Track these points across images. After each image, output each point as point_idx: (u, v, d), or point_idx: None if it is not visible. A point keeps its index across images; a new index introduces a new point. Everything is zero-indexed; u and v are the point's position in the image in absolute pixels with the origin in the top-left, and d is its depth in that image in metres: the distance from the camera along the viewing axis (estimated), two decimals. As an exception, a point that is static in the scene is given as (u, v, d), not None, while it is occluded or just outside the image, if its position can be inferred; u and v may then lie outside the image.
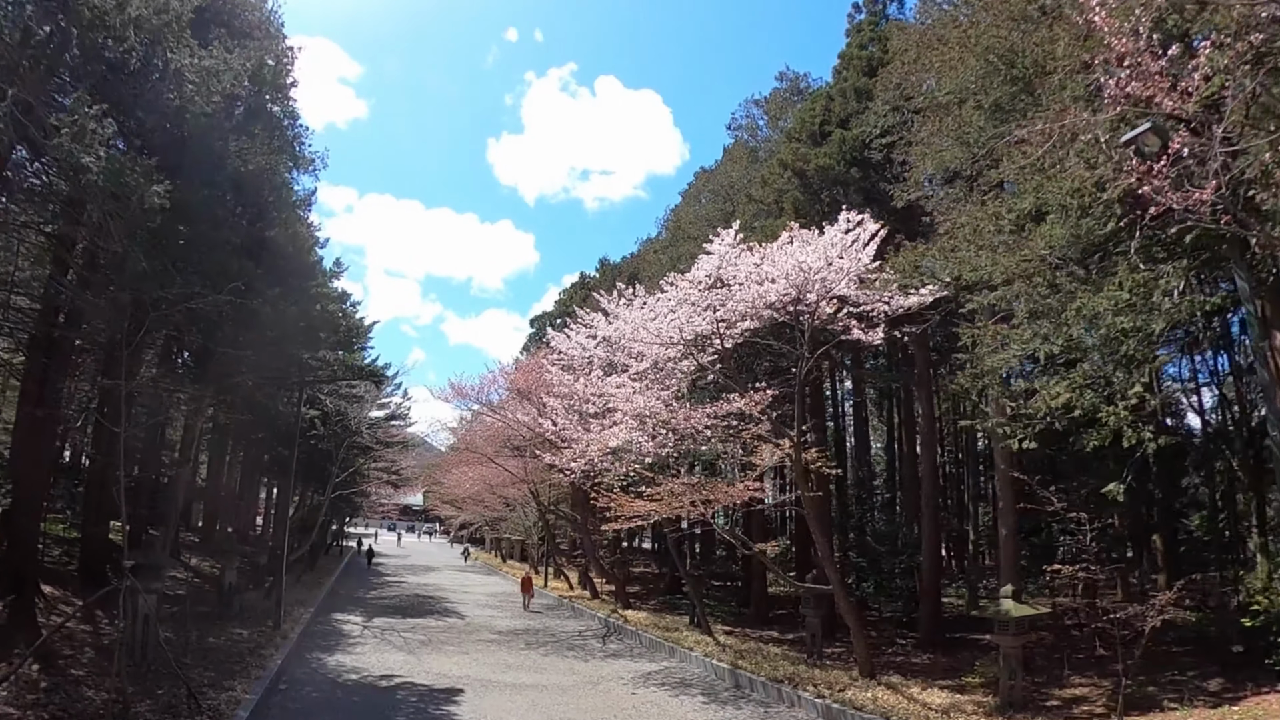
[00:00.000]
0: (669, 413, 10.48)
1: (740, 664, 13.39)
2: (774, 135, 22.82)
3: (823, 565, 11.69)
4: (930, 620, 17.46)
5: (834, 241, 10.30)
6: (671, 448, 10.55)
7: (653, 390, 10.98)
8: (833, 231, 10.36)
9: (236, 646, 12.66)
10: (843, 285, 10.63)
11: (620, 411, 11.07)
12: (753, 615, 22.21)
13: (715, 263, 10.55)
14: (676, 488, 10.99)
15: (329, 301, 13.73)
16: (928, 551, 17.57)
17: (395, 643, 14.68)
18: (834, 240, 10.32)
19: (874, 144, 16.86)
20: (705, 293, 10.34)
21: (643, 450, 10.60)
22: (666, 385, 11.20)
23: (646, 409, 10.58)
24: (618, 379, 11.92)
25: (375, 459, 28.75)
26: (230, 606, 15.79)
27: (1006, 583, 15.69)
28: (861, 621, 12.70)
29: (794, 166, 16.07)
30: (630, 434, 10.44)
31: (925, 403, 17.47)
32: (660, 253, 21.35)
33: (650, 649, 15.96)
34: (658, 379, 11.27)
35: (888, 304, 11.43)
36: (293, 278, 12.01)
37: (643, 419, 10.41)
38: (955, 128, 12.28)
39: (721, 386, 11.64)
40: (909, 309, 11.87)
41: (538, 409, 19.32)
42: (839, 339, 11.47)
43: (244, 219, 12.28)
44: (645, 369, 11.42)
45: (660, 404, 10.84)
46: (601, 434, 10.70)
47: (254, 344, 12.37)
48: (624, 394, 11.21)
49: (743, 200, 16.90)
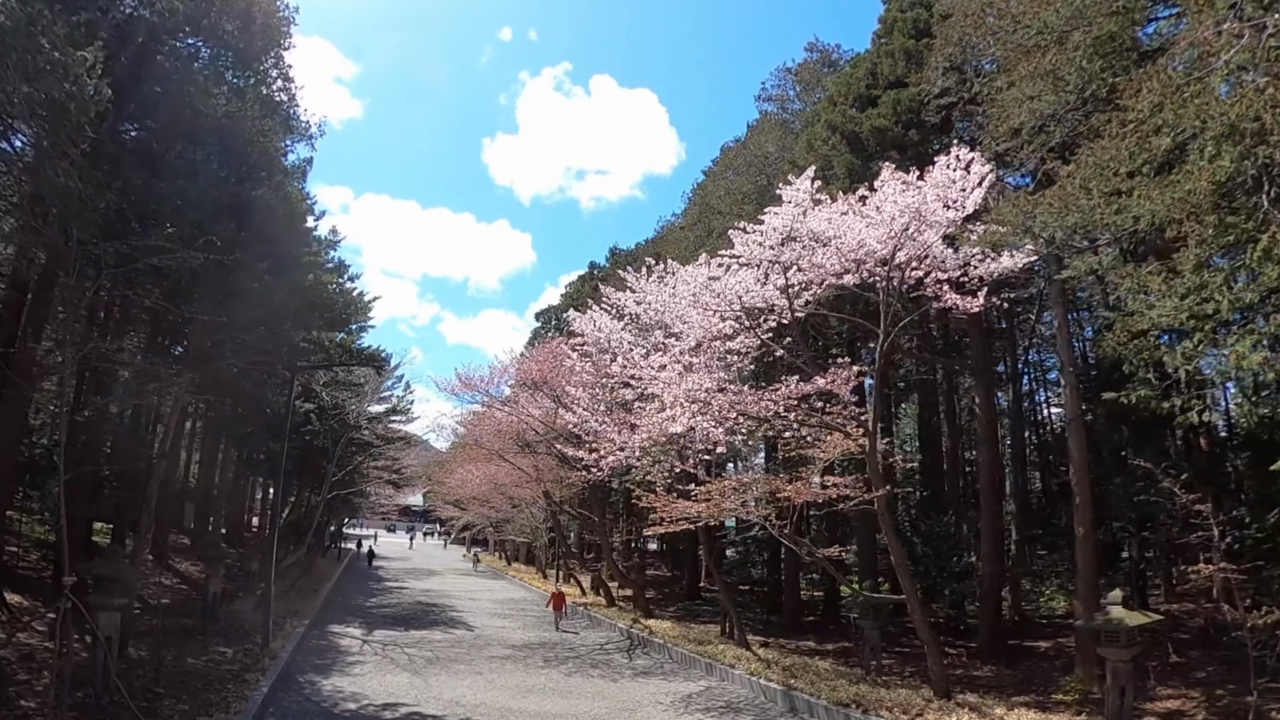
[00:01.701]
0: (734, 395, 8.83)
1: (794, 684, 11.76)
2: (804, 108, 21.23)
3: (897, 572, 10.06)
4: (990, 628, 15.85)
5: (941, 183, 8.64)
6: (745, 435, 8.93)
7: (704, 372, 9.35)
8: (939, 170, 8.69)
9: (218, 669, 11.00)
10: (939, 241, 9.02)
11: (663, 397, 9.42)
12: (784, 623, 20.57)
13: (789, 214, 8.92)
14: (727, 486, 9.41)
15: (322, 271, 12.12)
16: (987, 553, 15.95)
17: (399, 661, 13.02)
18: (941, 181, 8.65)
19: (930, 105, 15.40)
20: (778, 247, 8.70)
21: (710, 439, 8.97)
22: (723, 364, 9.56)
23: (702, 390, 8.95)
24: (659, 358, 10.30)
25: (375, 457, 27.07)
26: (215, 619, 14.14)
27: (1084, 586, 14.13)
28: (936, 634, 11.10)
29: (844, 129, 14.47)
30: (693, 420, 8.79)
31: (983, 389, 15.83)
32: (687, 229, 19.74)
33: (683, 665, 14.32)
34: (709, 359, 9.64)
35: (978, 267, 9.81)
36: (281, 242, 10.38)
37: (706, 402, 8.75)
38: (1050, 69, 10.72)
39: (786, 365, 10.06)
40: (995, 275, 10.24)
41: (554, 401, 17.68)
42: (925, 308, 9.85)
43: (226, 176, 10.63)
44: (687, 348, 9.79)
45: (715, 385, 9.21)
46: (656, 419, 9.06)
47: (238, 319, 10.72)
48: (666, 376, 9.56)
49: (784, 168, 15.30)
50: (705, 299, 9.18)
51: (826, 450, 10.09)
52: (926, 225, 8.83)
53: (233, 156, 11.06)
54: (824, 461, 10.35)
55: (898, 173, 9.03)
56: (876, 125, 14.21)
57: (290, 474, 27.28)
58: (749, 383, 9.89)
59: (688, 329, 9.92)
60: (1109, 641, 9.17)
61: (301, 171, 14.09)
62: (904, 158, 14.39)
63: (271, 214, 10.48)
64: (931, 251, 9.21)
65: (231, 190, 10.40)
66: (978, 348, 15.97)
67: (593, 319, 14.05)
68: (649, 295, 12.96)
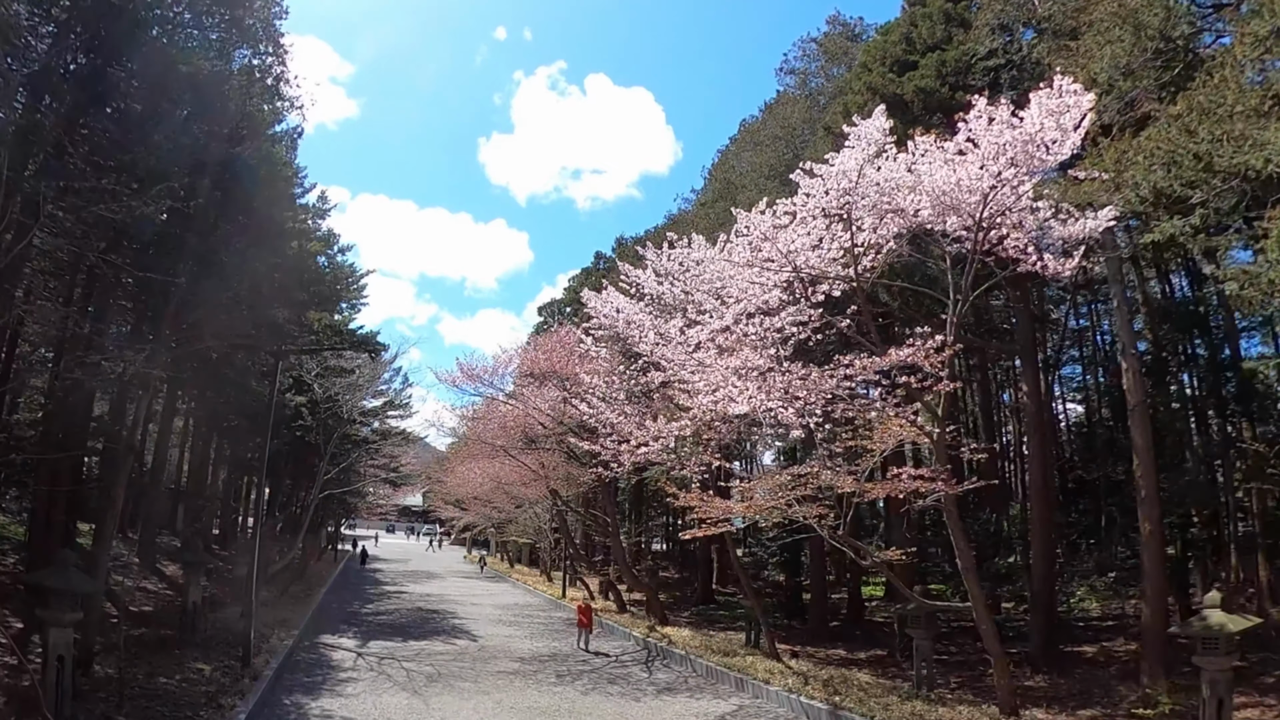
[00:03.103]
0: (797, 372, 7.53)
1: (840, 702, 10.52)
2: (825, 83, 20.00)
3: (964, 576, 8.82)
4: (1043, 633, 14.61)
5: (1038, 122, 7.32)
6: (821, 417, 7.65)
7: (753, 348, 8.09)
8: (1035, 105, 7.38)
9: (192, 690, 9.72)
10: (1030, 193, 7.77)
11: (709, 376, 8.10)
12: (809, 629, 19.30)
13: (858, 156, 7.63)
14: (777, 482, 8.17)
15: (310, 240, 10.83)
16: (1039, 552, 14.72)
17: (396, 677, 11.74)
18: (1038, 121, 7.33)
19: (977, 67, 14.24)
20: (850, 193, 7.38)
21: (781, 420, 7.68)
22: (765, 342, 8.25)
23: (751, 368, 7.66)
24: (697, 332, 9.00)
25: (372, 454, 25.75)
26: (195, 630, 12.85)
27: (1152, 587, 12.89)
28: (1003, 645, 9.87)
29: (885, 92, 13.26)
30: (756, 399, 7.48)
31: (1031, 374, 14.60)
32: (707, 206, 18.47)
33: (709, 679, 13.05)
34: (758, 334, 8.36)
35: (1058, 228, 8.57)
36: (263, 207, 9.10)
37: (764, 379, 7.45)
38: (1132, 11, 9.50)
39: (837, 342, 8.82)
40: (1073, 239, 8.97)
41: (563, 392, 16.39)
42: (995, 280, 8.59)
43: (202, 130, 9.34)
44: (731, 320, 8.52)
45: (765, 364, 7.94)
46: (707, 400, 7.75)
47: (215, 293, 9.45)
48: (703, 356, 8.27)
49: (819, 136, 14.09)
50: (767, 251, 7.87)
51: (884, 440, 8.83)
52: (1023, 172, 7.57)
53: (211, 112, 9.78)
54: (881, 452, 9.10)
55: (989, 106, 7.75)
56: (921, 87, 13.04)
57: (281, 472, 26.00)
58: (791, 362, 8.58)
59: (732, 297, 8.62)
60: (1208, 649, 8.03)
61: (291, 140, 12.82)
62: (950, 122, 13.26)
63: (252, 175, 9.20)
64: (1020, 205, 7.95)
65: (205, 145, 9.12)
66: (1024, 329, 14.75)
67: (608, 299, 12.74)
68: (690, 257, 11.53)
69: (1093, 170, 8.60)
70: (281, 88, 12.82)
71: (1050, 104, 7.33)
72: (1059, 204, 9.34)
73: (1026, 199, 8.08)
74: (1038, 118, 7.41)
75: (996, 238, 8.09)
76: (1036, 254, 8.23)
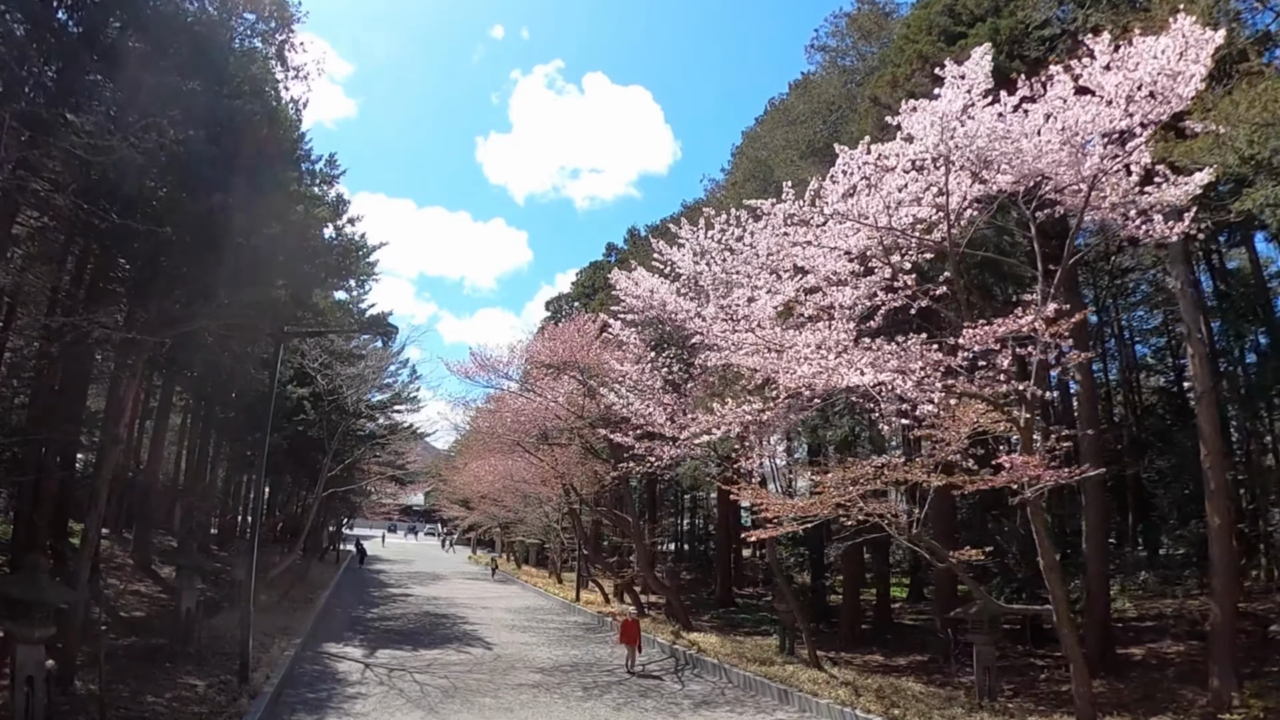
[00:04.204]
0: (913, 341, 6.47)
1: (901, 716, 9.53)
2: (859, 62, 18.99)
3: (1046, 576, 7.82)
4: (1098, 636, 13.59)
5: (1173, 53, 6.22)
6: (943, 392, 6.57)
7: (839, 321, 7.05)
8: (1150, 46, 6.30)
9: (184, 711, 8.69)
10: (1143, 145, 6.74)
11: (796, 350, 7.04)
12: (843, 634, 18.26)
13: (960, 98, 6.57)
14: (858, 473, 7.14)
15: (315, 206, 9.76)
16: (1093, 550, 13.70)
17: (408, 692, 10.70)
18: (1171, 52, 6.23)
19: (1032, 36, 13.36)
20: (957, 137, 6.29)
21: (907, 395, 6.62)
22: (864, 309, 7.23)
23: (835, 342, 6.61)
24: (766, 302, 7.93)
25: (377, 451, 24.66)
26: (189, 640, 11.81)
27: (1222, 584, 11.85)
28: (1082, 652, 8.86)
29: (937, 60, 12.23)
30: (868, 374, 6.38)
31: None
32: (739, 185, 17.39)
33: (747, 690, 12.03)
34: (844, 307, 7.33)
35: (1152, 193, 7.55)
36: (265, 166, 8.06)
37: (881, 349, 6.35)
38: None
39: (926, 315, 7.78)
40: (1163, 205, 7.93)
41: (582, 383, 15.32)
42: (1083, 251, 7.55)
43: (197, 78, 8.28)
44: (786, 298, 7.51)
45: (848, 338, 6.89)
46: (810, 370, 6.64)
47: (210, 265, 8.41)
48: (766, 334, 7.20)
49: (863, 108, 13.08)
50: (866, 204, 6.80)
51: (958, 427, 7.79)
52: (1152, 114, 6.52)
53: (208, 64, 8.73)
54: (957, 441, 8.06)
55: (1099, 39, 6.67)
56: (977, 52, 12.07)
57: (282, 468, 24.96)
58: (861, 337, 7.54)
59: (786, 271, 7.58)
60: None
61: (296, 108, 11.75)
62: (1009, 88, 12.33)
63: (253, 130, 8.15)
64: (1131, 159, 6.92)
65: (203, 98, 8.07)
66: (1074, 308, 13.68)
67: (640, 280, 11.64)
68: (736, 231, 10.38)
69: (1208, 123, 7.57)
70: (286, 53, 11.82)
71: (1171, 43, 6.27)
72: (1153, 165, 8.35)
73: (1140, 152, 7.04)
74: (1169, 50, 6.35)
75: (1097, 199, 7.05)
76: (1140, 217, 7.21)
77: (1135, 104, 6.53)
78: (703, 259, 11.22)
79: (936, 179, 7.20)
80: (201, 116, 7.96)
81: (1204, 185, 8.29)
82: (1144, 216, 7.86)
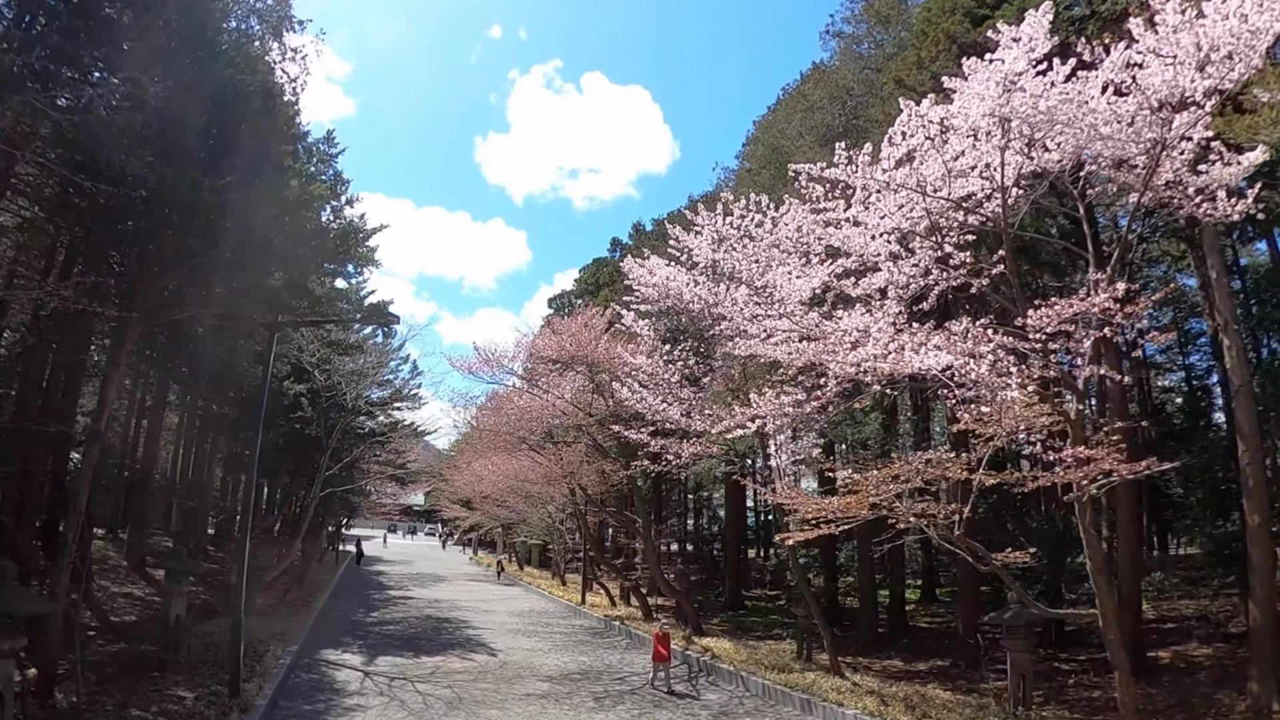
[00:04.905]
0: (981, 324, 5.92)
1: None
2: (874, 50, 18.44)
3: (1093, 579, 7.26)
4: (1131, 639, 12.98)
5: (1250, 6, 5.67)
6: (1020, 380, 6.00)
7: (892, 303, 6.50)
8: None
9: (169, 725, 8.11)
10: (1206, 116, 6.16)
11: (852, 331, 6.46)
12: (858, 638, 17.67)
13: (1021, 61, 6.00)
14: (905, 469, 6.57)
15: (311, 182, 9.18)
16: (1126, 551, 13.15)
17: (411, 705, 10.10)
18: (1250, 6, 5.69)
19: (1061, 16, 12.82)
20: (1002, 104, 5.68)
21: (984, 380, 6.05)
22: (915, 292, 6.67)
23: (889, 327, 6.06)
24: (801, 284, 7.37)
25: (377, 450, 24.03)
26: (179, 648, 11.19)
27: (1262, 585, 11.29)
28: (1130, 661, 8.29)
29: (965, 40, 11.73)
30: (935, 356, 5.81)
31: (1113, 354, 12.95)
32: (755, 172, 16.83)
33: (767, 700, 11.45)
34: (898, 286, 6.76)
35: (1206, 171, 6.98)
36: (259, 137, 7.47)
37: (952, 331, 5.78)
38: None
39: (972, 300, 7.23)
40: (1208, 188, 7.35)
41: (590, 379, 14.73)
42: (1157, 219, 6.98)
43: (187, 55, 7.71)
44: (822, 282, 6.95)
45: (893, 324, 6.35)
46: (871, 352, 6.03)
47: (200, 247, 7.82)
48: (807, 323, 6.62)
49: (888, 90, 12.53)
50: (922, 173, 6.22)
51: (1006, 422, 7.20)
52: (1231, 72, 5.94)
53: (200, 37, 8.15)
54: (1000, 437, 7.48)
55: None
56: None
57: (279, 467, 24.37)
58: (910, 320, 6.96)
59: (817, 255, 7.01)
60: None
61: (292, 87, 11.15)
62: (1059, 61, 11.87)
63: (247, 104, 7.57)
64: (1198, 130, 6.35)
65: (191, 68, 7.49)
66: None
67: (654, 268, 11.03)
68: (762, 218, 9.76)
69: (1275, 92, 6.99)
70: (284, 32, 11.22)
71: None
72: (1209, 140, 7.77)
73: (1203, 124, 6.47)
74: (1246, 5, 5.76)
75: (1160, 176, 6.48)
76: (1198, 195, 6.64)
77: (1211, 65, 5.95)
78: (720, 246, 10.65)
79: (985, 153, 6.63)
80: (192, 86, 7.40)
81: (1257, 164, 7.74)
82: (1202, 195, 7.29)
